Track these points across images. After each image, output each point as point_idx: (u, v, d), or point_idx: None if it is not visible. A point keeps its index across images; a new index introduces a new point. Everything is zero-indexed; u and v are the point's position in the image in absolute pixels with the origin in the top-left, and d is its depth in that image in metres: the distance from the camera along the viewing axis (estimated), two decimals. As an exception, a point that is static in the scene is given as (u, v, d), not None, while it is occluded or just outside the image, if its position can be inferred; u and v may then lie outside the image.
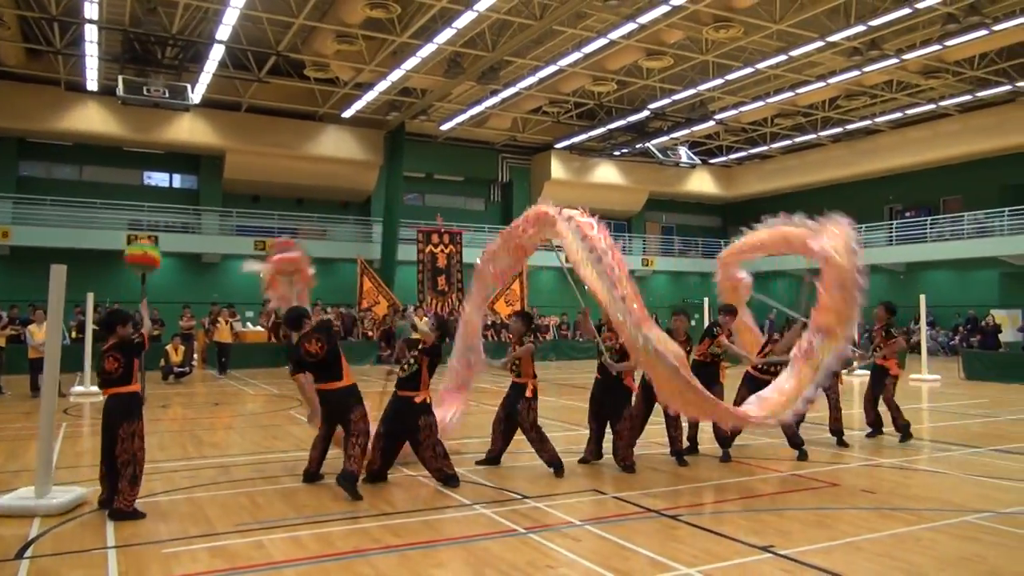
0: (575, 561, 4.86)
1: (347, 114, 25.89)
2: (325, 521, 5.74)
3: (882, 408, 9.35)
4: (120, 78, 19.97)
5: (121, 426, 5.84)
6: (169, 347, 17.12)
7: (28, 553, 5.04)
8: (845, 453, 8.57)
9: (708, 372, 8.00)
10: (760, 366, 8.39)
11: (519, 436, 7.59)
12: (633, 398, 7.73)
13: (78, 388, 14.09)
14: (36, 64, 22.23)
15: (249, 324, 22.81)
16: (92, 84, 22.40)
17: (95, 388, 12.39)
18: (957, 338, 25.35)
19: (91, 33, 18.40)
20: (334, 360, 6.70)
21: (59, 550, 5.11)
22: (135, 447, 5.86)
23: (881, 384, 9.37)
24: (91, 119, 23.94)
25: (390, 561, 4.86)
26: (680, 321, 8.14)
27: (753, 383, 8.20)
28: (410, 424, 6.76)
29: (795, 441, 8.26)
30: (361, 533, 5.46)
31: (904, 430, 9.12)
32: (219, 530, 5.51)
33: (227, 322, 18.74)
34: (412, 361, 6.86)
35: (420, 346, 6.91)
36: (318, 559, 4.90)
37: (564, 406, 12.78)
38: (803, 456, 8.13)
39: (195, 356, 19.88)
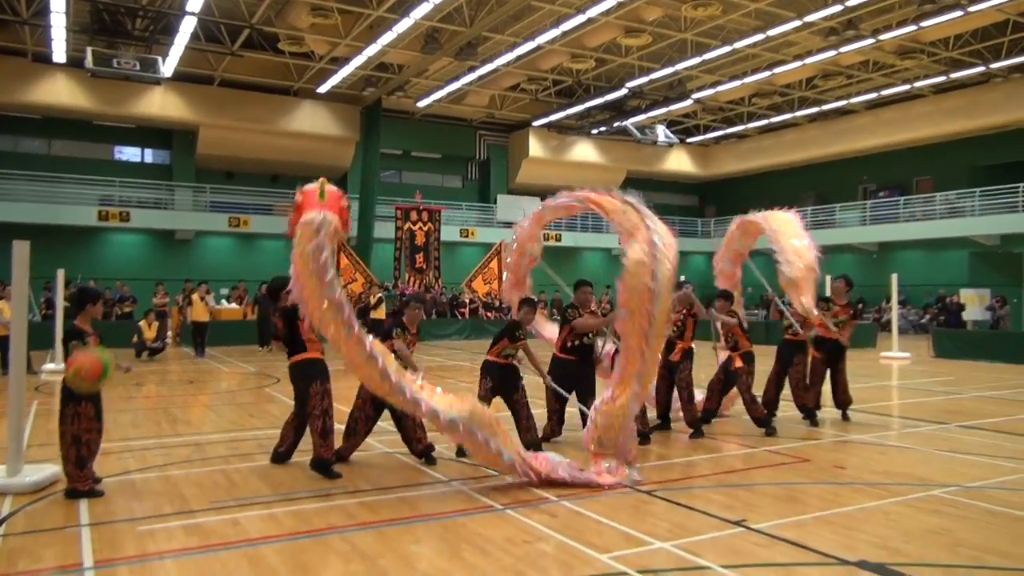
0: (552, 536, 4.91)
1: (323, 89, 25.53)
2: (301, 498, 5.74)
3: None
4: (89, 50, 19.42)
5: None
6: (143, 323, 17.00)
7: (0, 531, 4.99)
8: (815, 429, 8.69)
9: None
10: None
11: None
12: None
13: (49, 365, 13.90)
14: (1, 35, 21.63)
15: (224, 302, 22.59)
16: (60, 56, 21.80)
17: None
18: (927, 317, 25.78)
19: (58, 3, 17.85)
20: (295, 333, 6.62)
21: (32, 528, 5.07)
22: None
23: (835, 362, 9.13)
24: (59, 92, 23.34)
25: (367, 537, 4.88)
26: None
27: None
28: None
29: (763, 421, 8.36)
30: (338, 510, 5.47)
31: (810, 413, 8.97)
32: (194, 508, 5.50)
33: (202, 299, 18.25)
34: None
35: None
36: (294, 536, 4.90)
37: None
38: (771, 432, 8.25)
39: (169, 333, 19.64)
